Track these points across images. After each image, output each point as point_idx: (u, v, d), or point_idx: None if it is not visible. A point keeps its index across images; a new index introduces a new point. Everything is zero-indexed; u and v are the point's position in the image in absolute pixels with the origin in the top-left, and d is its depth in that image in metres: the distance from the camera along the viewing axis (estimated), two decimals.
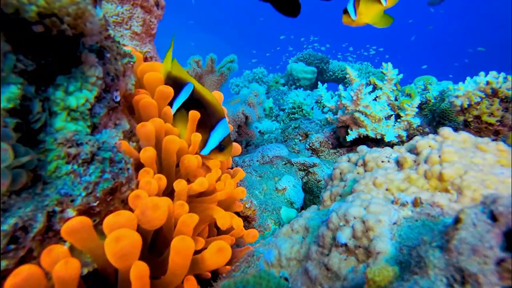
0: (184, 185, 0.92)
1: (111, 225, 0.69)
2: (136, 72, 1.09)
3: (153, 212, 0.73)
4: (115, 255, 0.65)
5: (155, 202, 0.75)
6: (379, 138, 1.87)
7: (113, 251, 0.65)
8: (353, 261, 0.64)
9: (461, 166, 0.70)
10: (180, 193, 0.92)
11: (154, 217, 0.73)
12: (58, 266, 0.62)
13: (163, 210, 0.75)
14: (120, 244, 0.65)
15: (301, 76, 4.62)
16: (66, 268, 0.62)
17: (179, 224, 0.82)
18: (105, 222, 0.69)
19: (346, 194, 0.88)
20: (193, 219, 0.82)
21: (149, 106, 0.99)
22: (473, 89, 1.65)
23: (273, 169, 1.88)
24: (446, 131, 0.83)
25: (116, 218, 0.69)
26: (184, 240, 0.72)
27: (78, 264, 0.64)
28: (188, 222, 0.82)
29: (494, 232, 0.42)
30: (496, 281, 0.39)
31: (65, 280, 0.62)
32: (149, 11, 1.30)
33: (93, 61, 0.79)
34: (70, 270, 0.63)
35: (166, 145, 0.95)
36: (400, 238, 0.61)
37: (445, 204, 0.67)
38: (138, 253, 0.68)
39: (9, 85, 0.64)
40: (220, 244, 0.80)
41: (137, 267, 0.66)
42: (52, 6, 0.65)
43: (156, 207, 0.74)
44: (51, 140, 0.70)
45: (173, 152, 0.97)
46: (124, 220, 0.69)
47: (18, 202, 0.65)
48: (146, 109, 0.99)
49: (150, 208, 0.73)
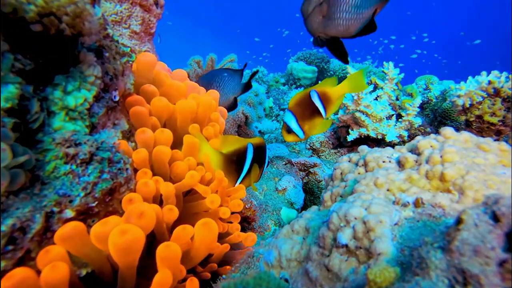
0: (171, 187, 0.89)
1: (98, 234, 0.68)
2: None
3: (138, 220, 0.71)
4: (119, 248, 0.65)
5: (140, 209, 0.73)
6: (380, 138, 1.86)
7: (117, 244, 0.65)
8: (354, 262, 0.63)
9: (462, 166, 0.70)
10: (167, 196, 0.89)
11: (139, 225, 0.70)
12: (45, 271, 0.61)
13: (149, 218, 0.72)
14: (124, 237, 0.65)
15: (301, 76, 4.60)
16: (53, 272, 0.61)
17: (173, 237, 0.81)
18: (92, 231, 0.68)
19: (347, 195, 0.87)
20: (186, 231, 0.81)
21: (141, 114, 0.99)
22: (475, 89, 1.64)
23: (273, 169, 1.88)
24: (448, 131, 0.83)
25: (103, 227, 0.68)
26: (168, 247, 0.71)
27: (66, 268, 0.63)
28: (182, 235, 0.81)
29: (496, 233, 0.42)
30: (498, 282, 0.39)
31: (53, 285, 0.61)
32: (148, 10, 1.30)
33: (92, 61, 0.78)
34: (58, 275, 0.61)
35: (156, 154, 0.94)
36: (402, 239, 0.60)
37: (446, 204, 0.66)
38: (141, 249, 0.68)
39: (7, 85, 0.64)
40: (204, 220, 0.82)
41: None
42: (50, 5, 0.65)
43: (141, 215, 0.72)
44: (49, 140, 0.70)
45: (165, 161, 0.96)
46: (111, 229, 0.67)
47: (16, 202, 0.64)
48: (138, 118, 0.99)
49: (135, 216, 0.72)
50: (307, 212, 0.92)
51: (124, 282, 0.74)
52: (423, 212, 0.65)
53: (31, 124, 0.68)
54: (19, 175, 0.63)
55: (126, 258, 0.67)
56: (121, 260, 0.68)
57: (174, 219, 0.86)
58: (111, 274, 0.75)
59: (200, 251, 0.86)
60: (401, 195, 0.72)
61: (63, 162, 0.69)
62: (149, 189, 0.82)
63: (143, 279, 0.83)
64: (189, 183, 0.94)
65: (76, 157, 0.70)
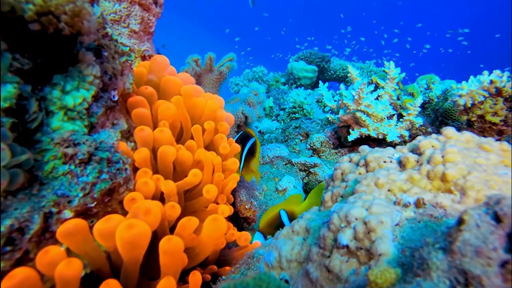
0: (172, 185, 0.90)
1: (101, 231, 0.68)
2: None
3: (145, 216, 0.72)
4: (125, 241, 0.65)
5: (147, 206, 0.74)
6: (381, 138, 1.86)
7: (124, 237, 0.65)
8: (354, 263, 0.63)
9: (464, 166, 0.69)
10: (169, 194, 0.90)
11: (146, 221, 0.72)
12: (61, 266, 0.62)
13: (155, 214, 0.74)
14: (131, 231, 0.65)
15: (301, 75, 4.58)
16: (68, 268, 0.62)
17: (178, 227, 0.81)
18: (95, 228, 0.68)
19: (348, 195, 0.87)
20: (192, 222, 0.81)
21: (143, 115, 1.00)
22: (477, 88, 1.63)
23: (273, 169, 1.87)
24: (449, 131, 0.82)
25: (107, 224, 0.68)
26: (171, 240, 0.72)
27: (81, 264, 0.64)
28: (187, 226, 0.81)
29: (498, 234, 0.42)
30: (500, 283, 0.39)
31: (67, 280, 0.62)
32: (147, 8, 1.29)
33: (91, 60, 0.78)
34: (73, 270, 0.62)
35: (162, 153, 0.95)
36: (403, 239, 0.60)
37: (448, 205, 0.66)
38: (147, 244, 0.68)
39: (5, 84, 0.63)
40: (214, 216, 0.83)
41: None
42: (48, 4, 0.64)
43: (148, 211, 0.73)
44: (47, 140, 0.69)
45: (170, 161, 0.97)
46: (114, 226, 0.68)
47: (14, 203, 0.64)
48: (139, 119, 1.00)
49: (142, 212, 0.72)
50: (307, 212, 0.92)
51: (127, 279, 0.74)
52: (424, 212, 0.65)
53: (29, 124, 0.68)
54: (18, 175, 0.62)
55: (131, 253, 0.68)
56: (126, 255, 0.68)
57: (177, 216, 0.86)
58: (110, 275, 0.75)
59: (207, 246, 0.87)
60: (402, 195, 0.71)
61: (61, 162, 0.69)
62: (149, 188, 0.82)
63: (144, 278, 0.83)
64: (191, 181, 0.94)
65: (74, 157, 0.69)
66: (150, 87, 1.09)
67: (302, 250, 0.77)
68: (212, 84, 2.05)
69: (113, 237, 0.67)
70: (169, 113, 1.04)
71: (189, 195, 1.08)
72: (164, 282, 0.70)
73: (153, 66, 1.17)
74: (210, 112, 1.18)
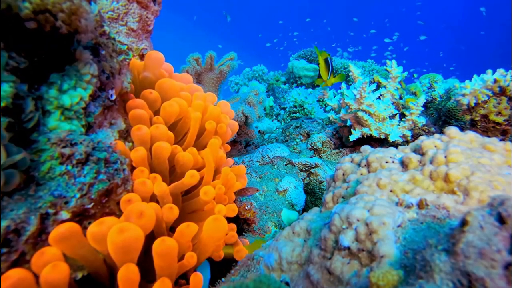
0: (164, 186, 0.88)
1: (94, 234, 0.67)
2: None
3: (138, 219, 0.71)
4: (117, 246, 0.64)
5: (140, 209, 0.72)
6: (383, 138, 1.84)
7: (115, 242, 0.64)
8: (356, 265, 0.62)
9: (467, 166, 0.68)
10: (162, 196, 0.88)
11: (140, 224, 0.70)
12: (46, 270, 0.60)
13: (148, 217, 0.72)
14: (123, 236, 0.64)
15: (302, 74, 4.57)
16: (54, 272, 0.61)
17: (177, 233, 0.80)
18: (88, 231, 0.67)
19: (349, 196, 0.86)
20: (190, 229, 0.80)
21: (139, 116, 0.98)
22: (480, 88, 1.62)
23: (273, 170, 1.86)
24: (452, 131, 0.81)
25: (99, 227, 0.67)
26: (164, 242, 0.71)
27: (67, 268, 0.62)
28: (185, 233, 0.80)
29: (501, 235, 0.41)
30: (504, 286, 0.38)
31: (53, 285, 0.60)
32: (145, 6, 1.28)
33: (88, 59, 0.77)
34: (58, 274, 0.61)
35: (156, 149, 0.93)
36: (405, 241, 0.59)
37: (451, 206, 0.65)
38: (139, 249, 0.67)
39: (1, 83, 0.63)
40: (215, 216, 0.82)
41: (128, 268, 0.65)
42: (45, 2, 0.63)
43: (141, 214, 0.71)
44: (44, 140, 0.69)
45: (165, 157, 0.95)
46: (107, 229, 0.67)
47: (10, 204, 0.63)
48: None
49: (135, 215, 0.71)
50: (308, 213, 0.91)
51: None
52: (427, 213, 0.64)
53: (25, 124, 0.67)
54: (14, 175, 0.62)
55: (124, 257, 0.66)
56: (119, 259, 0.67)
57: (174, 218, 0.85)
58: (108, 277, 0.74)
59: (208, 247, 0.86)
60: (405, 196, 0.70)
61: (58, 162, 0.68)
62: (147, 188, 0.81)
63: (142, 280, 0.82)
64: (188, 182, 0.93)
65: (71, 157, 0.69)
66: (154, 92, 1.07)
67: (303, 252, 0.76)
68: (212, 83, 2.04)
69: (106, 241, 0.66)
70: (172, 110, 1.02)
71: (189, 196, 1.07)
72: (159, 284, 0.69)
73: (148, 62, 1.13)
74: (213, 117, 1.16)
